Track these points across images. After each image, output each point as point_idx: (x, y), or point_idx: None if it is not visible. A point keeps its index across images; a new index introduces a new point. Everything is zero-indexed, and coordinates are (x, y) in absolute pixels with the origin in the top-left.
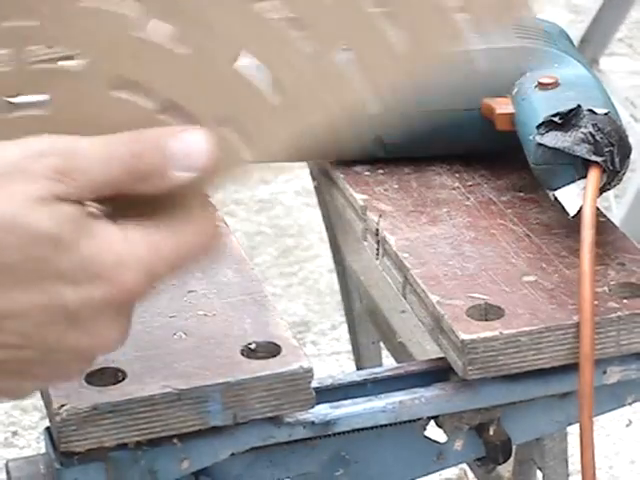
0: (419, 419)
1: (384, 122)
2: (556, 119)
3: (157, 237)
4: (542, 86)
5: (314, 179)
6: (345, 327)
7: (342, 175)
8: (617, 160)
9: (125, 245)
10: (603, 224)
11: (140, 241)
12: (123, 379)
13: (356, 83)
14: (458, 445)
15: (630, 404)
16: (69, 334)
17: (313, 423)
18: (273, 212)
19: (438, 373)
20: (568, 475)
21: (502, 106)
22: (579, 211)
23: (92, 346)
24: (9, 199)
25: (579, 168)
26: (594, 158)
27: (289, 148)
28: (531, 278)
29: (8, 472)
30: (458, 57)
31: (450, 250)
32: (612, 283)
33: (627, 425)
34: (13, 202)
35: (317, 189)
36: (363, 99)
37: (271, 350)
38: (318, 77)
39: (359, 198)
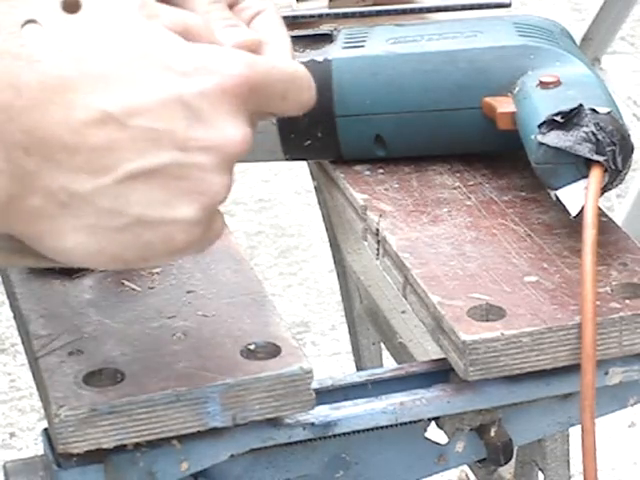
0: (420, 420)
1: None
2: (558, 118)
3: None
4: (544, 85)
5: (314, 179)
6: (345, 327)
7: (342, 175)
8: (619, 159)
9: (225, 47)
10: (605, 224)
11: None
12: (122, 380)
13: None
14: (459, 446)
15: (632, 405)
16: (195, 128)
17: (313, 424)
18: (273, 212)
19: (439, 374)
20: (570, 477)
21: (503, 105)
22: (581, 211)
23: (221, 142)
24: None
25: (581, 167)
26: (596, 157)
27: None
28: (532, 278)
29: (6, 474)
30: (460, 56)
31: (451, 250)
32: (614, 283)
33: (629, 426)
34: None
35: (317, 189)
36: None
37: (271, 351)
38: None
39: (359, 198)
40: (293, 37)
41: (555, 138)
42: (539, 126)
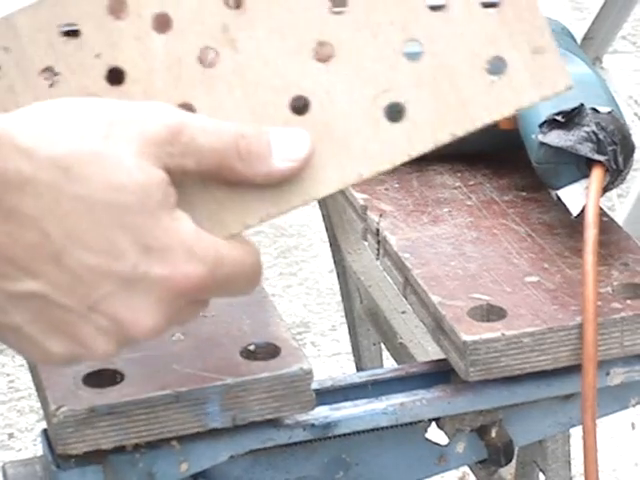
0: (420, 421)
1: None
2: (559, 118)
3: (223, 247)
4: None
5: None
6: (345, 328)
7: None
8: (620, 159)
9: (197, 239)
10: (606, 224)
11: (209, 242)
12: (121, 381)
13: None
14: (460, 447)
15: (634, 406)
16: (114, 297)
17: (313, 425)
18: None
19: (439, 375)
20: (571, 478)
21: None
22: (582, 211)
23: (127, 321)
24: (117, 144)
25: (582, 167)
26: (597, 157)
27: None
28: (533, 278)
29: (5, 474)
30: None
31: (451, 250)
32: (615, 283)
33: (631, 427)
34: (119, 147)
35: None
36: None
37: (270, 351)
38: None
39: (359, 197)
40: None
41: (556, 138)
42: (540, 126)
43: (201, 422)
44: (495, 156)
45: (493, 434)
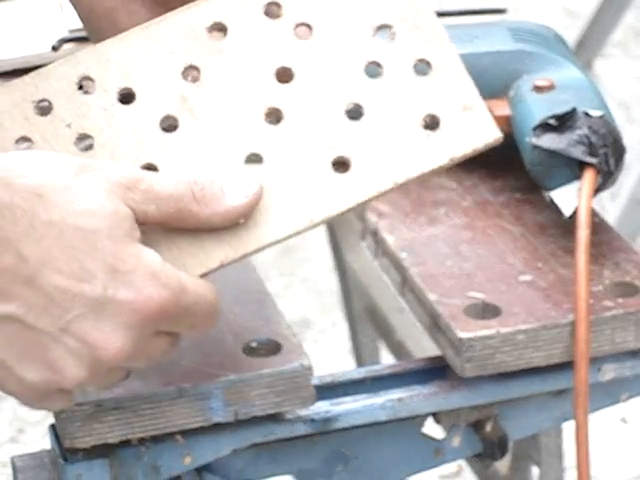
0: (417, 416)
1: None
2: (552, 121)
3: (186, 278)
4: (538, 89)
5: None
6: (345, 325)
7: None
8: (612, 161)
9: (162, 266)
10: (598, 224)
11: (174, 271)
12: (127, 376)
13: None
14: (456, 441)
15: (624, 401)
16: (84, 319)
17: (313, 420)
18: None
19: (436, 371)
20: (563, 470)
21: (499, 108)
22: (574, 211)
23: (95, 343)
24: (87, 181)
25: (574, 169)
26: (589, 159)
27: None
28: (527, 277)
29: (14, 467)
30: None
31: (448, 250)
32: (607, 282)
33: (621, 421)
34: (89, 183)
35: None
36: None
37: (272, 348)
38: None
39: None
40: None
41: (549, 141)
42: (534, 129)
43: (204, 417)
44: (490, 158)
45: (488, 428)
